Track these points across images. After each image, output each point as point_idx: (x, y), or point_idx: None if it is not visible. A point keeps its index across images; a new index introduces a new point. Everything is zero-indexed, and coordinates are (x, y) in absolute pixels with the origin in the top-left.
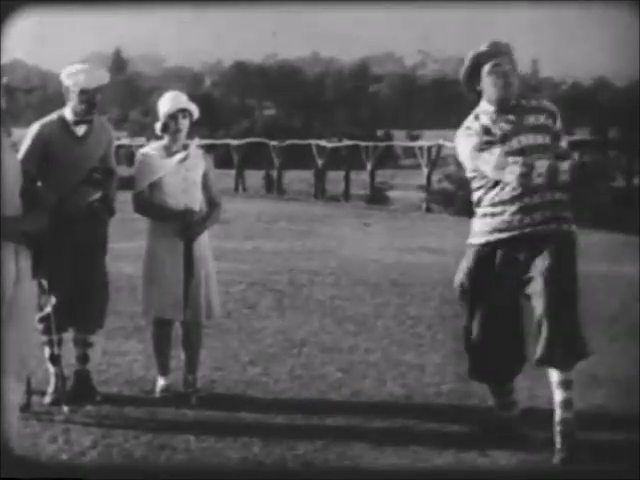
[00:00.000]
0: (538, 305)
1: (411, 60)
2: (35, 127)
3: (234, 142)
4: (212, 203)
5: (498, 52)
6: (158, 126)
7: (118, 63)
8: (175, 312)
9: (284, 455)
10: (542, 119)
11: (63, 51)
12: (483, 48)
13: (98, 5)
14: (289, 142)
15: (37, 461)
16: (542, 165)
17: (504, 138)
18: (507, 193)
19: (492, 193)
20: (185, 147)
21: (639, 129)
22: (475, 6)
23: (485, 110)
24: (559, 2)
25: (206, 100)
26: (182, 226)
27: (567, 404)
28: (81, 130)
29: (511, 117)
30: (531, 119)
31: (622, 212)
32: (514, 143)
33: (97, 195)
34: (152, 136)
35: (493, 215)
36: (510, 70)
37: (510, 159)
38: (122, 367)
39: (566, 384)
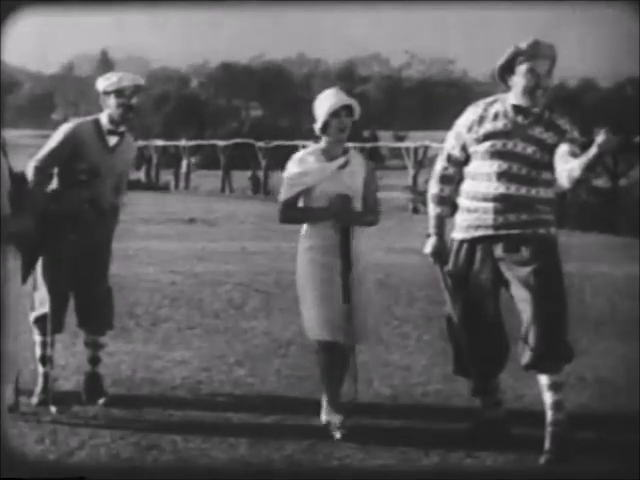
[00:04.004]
0: (525, 311)
1: (397, 61)
2: (69, 126)
3: (221, 143)
4: (370, 212)
5: (537, 54)
6: (318, 126)
7: (104, 64)
8: (338, 332)
9: (271, 455)
10: (545, 134)
11: (50, 52)
12: (524, 46)
13: (93, 6)
14: (276, 143)
15: (24, 461)
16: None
17: (496, 135)
18: (482, 187)
19: (468, 185)
20: (345, 151)
21: (627, 130)
22: (461, 7)
23: (505, 101)
24: (545, 2)
25: (192, 101)
26: (337, 210)
27: (558, 406)
28: (113, 140)
29: (520, 120)
30: (536, 130)
31: (608, 213)
32: (499, 144)
33: (85, 197)
34: (139, 136)
35: (469, 211)
36: (543, 77)
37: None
38: (109, 368)
39: (556, 386)
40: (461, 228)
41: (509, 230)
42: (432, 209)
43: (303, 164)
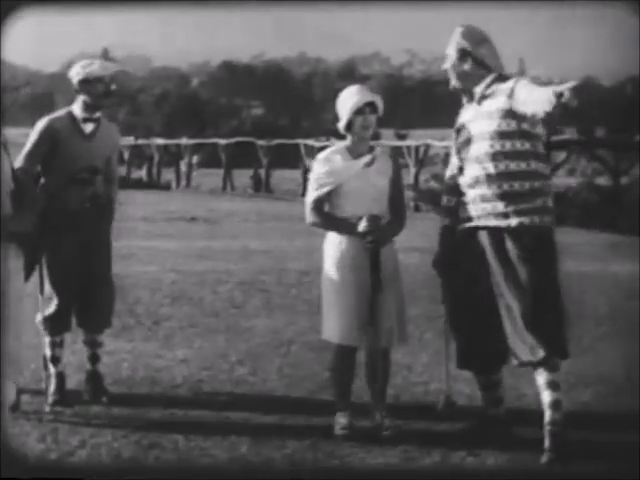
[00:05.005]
0: (519, 306)
1: (398, 60)
2: (43, 122)
3: (222, 141)
4: (396, 213)
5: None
6: (342, 124)
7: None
8: (360, 337)
9: (272, 454)
10: (495, 103)
11: (50, 51)
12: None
13: (94, 6)
14: (277, 141)
15: (25, 461)
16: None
17: (464, 124)
18: (467, 179)
19: (461, 179)
20: (370, 149)
21: (629, 128)
22: (462, 6)
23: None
24: (547, 2)
25: (194, 100)
26: (367, 230)
27: (556, 405)
28: (89, 128)
29: (475, 105)
30: (485, 106)
31: (609, 211)
32: (465, 133)
33: (87, 194)
34: (141, 135)
35: (462, 203)
36: (455, 66)
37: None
38: (110, 367)
39: (554, 385)
40: (459, 220)
41: (497, 219)
42: (441, 219)
43: (329, 163)
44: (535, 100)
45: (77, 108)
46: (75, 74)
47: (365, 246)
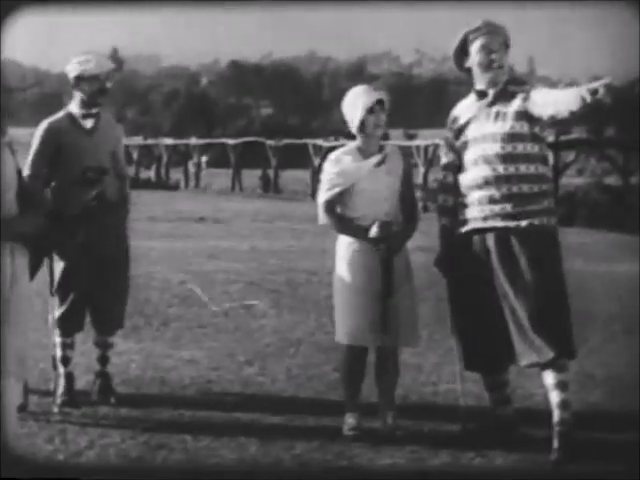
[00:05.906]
0: (526, 307)
1: (407, 59)
2: (44, 125)
3: (231, 141)
4: (409, 214)
5: (488, 31)
6: (355, 124)
7: (115, 62)
8: (371, 337)
9: (281, 455)
10: (508, 105)
11: (59, 51)
12: (474, 26)
13: (96, 5)
14: (286, 141)
15: (33, 461)
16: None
17: (467, 124)
18: (473, 180)
19: (460, 177)
20: (380, 149)
21: (638, 128)
22: (472, 5)
23: (475, 90)
24: (556, 1)
25: (202, 99)
26: (379, 239)
27: (564, 405)
28: (89, 123)
29: (483, 102)
30: (497, 106)
31: (618, 211)
32: (469, 132)
33: (92, 194)
34: (150, 135)
35: (463, 204)
36: (497, 52)
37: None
38: (119, 367)
39: (562, 385)
40: (458, 222)
41: (504, 220)
42: (438, 219)
43: (340, 164)
44: (557, 101)
45: (75, 105)
46: (71, 69)
47: (376, 253)
